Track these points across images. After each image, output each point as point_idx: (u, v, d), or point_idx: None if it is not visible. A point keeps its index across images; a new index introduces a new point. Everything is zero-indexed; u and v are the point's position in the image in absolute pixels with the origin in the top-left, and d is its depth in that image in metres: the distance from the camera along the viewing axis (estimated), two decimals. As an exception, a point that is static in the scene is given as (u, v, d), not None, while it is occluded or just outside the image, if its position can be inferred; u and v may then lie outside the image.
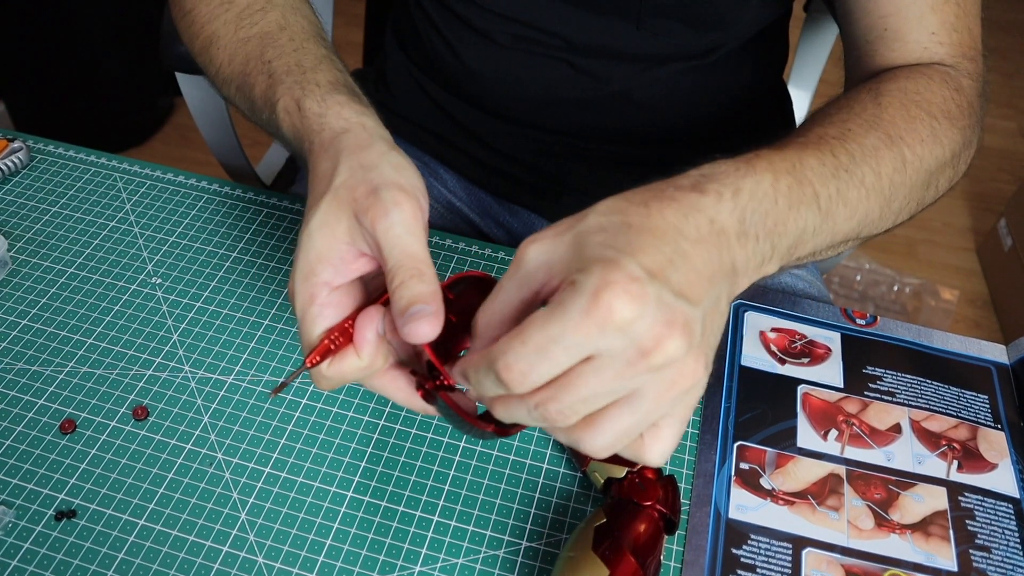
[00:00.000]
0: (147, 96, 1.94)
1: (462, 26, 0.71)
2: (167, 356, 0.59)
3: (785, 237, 0.43)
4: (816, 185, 0.45)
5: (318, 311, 0.41)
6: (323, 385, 0.42)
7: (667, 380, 0.35)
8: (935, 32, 0.58)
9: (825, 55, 0.96)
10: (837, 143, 0.48)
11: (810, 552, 0.50)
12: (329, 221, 0.41)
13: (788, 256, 0.45)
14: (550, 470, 0.54)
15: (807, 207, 0.44)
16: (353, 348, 0.40)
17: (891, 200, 0.50)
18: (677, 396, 0.36)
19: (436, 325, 0.38)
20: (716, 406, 0.57)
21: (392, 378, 0.43)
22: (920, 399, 0.58)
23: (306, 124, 0.47)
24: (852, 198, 0.47)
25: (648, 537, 0.46)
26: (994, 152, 2.09)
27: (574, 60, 0.69)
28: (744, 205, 0.41)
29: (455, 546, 0.50)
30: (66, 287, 0.62)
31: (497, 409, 0.37)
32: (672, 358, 0.34)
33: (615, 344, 0.34)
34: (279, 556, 0.49)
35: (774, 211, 0.42)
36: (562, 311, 0.34)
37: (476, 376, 0.36)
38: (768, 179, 0.42)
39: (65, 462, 0.53)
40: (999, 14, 2.55)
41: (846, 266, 1.76)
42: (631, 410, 0.35)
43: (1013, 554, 0.51)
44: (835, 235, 0.48)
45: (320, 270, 0.41)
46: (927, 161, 0.52)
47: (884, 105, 0.52)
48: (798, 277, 0.75)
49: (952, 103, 0.55)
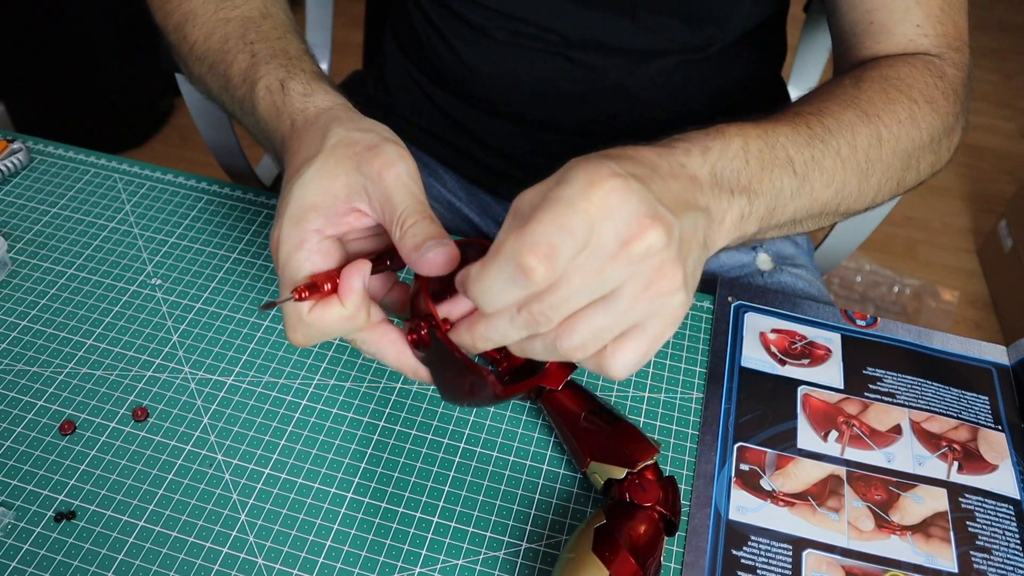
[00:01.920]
0: (147, 97, 1.94)
1: (459, 23, 0.72)
2: (167, 357, 0.58)
3: (761, 196, 0.45)
4: (790, 150, 0.47)
5: (306, 256, 0.40)
6: (298, 335, 0.40)
7: (644, 278, 0.36)
8: (920, 24, 0.59)
9: (825, 55, 0.96)
10: (813, 117, 0.50)
11: (810, 553, 0.50)
12: (325, 172, 0.41)
13: (768, 217, 0.46)
14: (550, 471, 0.54)
15: (781, 169, 0.46)
16: (337, 297, 0.40)
17: (868, 175, 0.52)
18: (653, 300, 0.37)
19: (453, 257, 0.39)
20: (716, 407, 0.57)
21: (383, 332, 0.42)
22: (920, 400, 0.58)
23: (289, 102, 0.47)
24: (828, 166, 0.49)
25: (648, 538, 0.46)
26: (994, 153, 2.09)
27: (570, 54, 0.69)
28: (714, 161, 0.43)
29: (455, 547, 0.50)
30: (66, 287, 0.62)
31: (480, 328, 0.37)
32: (651, 249, 0.36)
33: (602, 234, 0.35)
34: (279, 557, 0.49)
35: (746, 170, 0.45)
36: (559, 204, 0.35)
37: (491, 275, 0.35)
38: (738, 142, 0.45)
39: (65, 463, 0.52)
40: (999, 15, 2.55)
41: (846, 267, 1.76)
42: (606, 309, 0.37)
43: (1014, 555, 0.51)
44: (814, 201, 0.49)
45: (312, 217, 0.41)
46: (904, 141, 0.53)
47: (863, 88, 0.54)
48: (798, 277, 0.75)
49: (935, 89, 0.56)
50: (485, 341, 0.38)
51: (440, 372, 0.41)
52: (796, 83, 0.98)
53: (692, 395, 0.58)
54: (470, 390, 0.40)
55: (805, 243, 0.82)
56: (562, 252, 0.34)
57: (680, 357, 0.61)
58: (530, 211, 0.36)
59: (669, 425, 0.56)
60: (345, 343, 0.60)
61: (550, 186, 0.37)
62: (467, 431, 0.55)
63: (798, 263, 0.77)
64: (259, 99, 0.49)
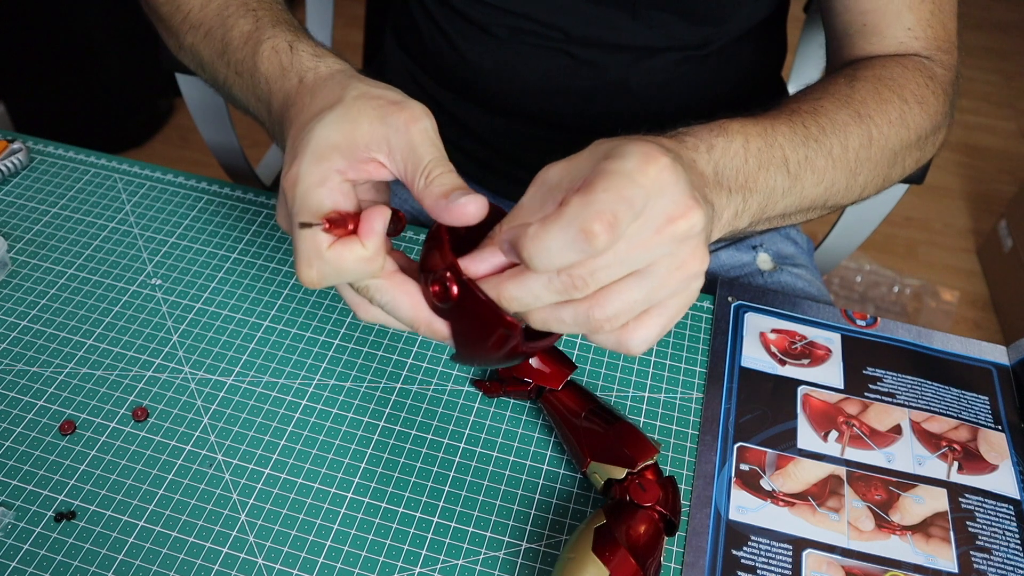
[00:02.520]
0: (147, 97, 1.94)
1: (460, 20, 0.72)
2: (167, 357, 0.58)
3: (756, 194, 0.47)
4: (786, 149, 0.49)
5: (327, 192, 0.40)
6: (313, 272, 0.39)
7: (679, 258, 0.38)
8: (911, 28, 0.61)
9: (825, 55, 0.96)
10: (808, 116, 0.52)
11: (810, 553, 0.50)
12: (348, 118, 0.41)
13: (760, 213, 0.48)
14: (550, 471, 0.54)
15: (776, 169, 0.48)
16: (358, 238, 0.39)
17: (856, 173, 0.54)
18: (680, 280, 0.38)
19: (483, 207, 0.39)
20: (716, 407, 0.57)
21: (399, 281, 0.41)
22: (920, 400, 0.58)
23: (298, 60, 0.47)
24: (820, 166, 0.51)
25: (648, 538, 0.46)
26: (994, 153, 2.09)
27: (571, 51, 0.70)
28: (717, 159, 0.45)
29: (455, 547, 0.50)
30: (66, 288, 0.62)
31: (511, 286, 0.37)
32: (692, 230, 0.37)
33: (652, 208, 0.36)
34: (279, 557, 0.49)
35: (744, 168, 0.46)
36: (621, 176, 0.36)
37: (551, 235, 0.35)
38: (739, 140, 0.46)
39: (65, 463, 0.52)
40: (999, 14, 2.55)
41: (846, 267, 1.76)
42: (640, 283, 0.37)
43: (1014, 555, 0.51)
44: (803, 199, 0.51)
45: (335, 157, 0.40)
46: (892, 141, 0.55)
47: (857, 87, 0.56)
48: (798, 277, 0.75)
49: (926, 89, 0.58)
50: (513, 301, 0.38)
51: (460, 326, 0.40)
52: (796, 83, 0.98)
53: (692, 395, 0.58)
54: (495, 344, 0.39)
55: (805, 243, 0.82)
56: (623, 221, 0.35)
57: (680, 357, 0.61)
58: (588, 179, 0.36)
59: (669, 425, 0.56)
60: (345, 343, 0.60)
61: (594, 161, 0.37)
62: (467, 431, 0.55)
63: (798, 263, 0.77)
64: (263, 58, 0.49)
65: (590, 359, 0.60)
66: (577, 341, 0.61)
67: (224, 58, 0.53)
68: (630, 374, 0.59)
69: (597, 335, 0.39)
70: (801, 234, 0.83)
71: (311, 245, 0.39)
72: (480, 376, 0.59)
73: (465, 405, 0.57)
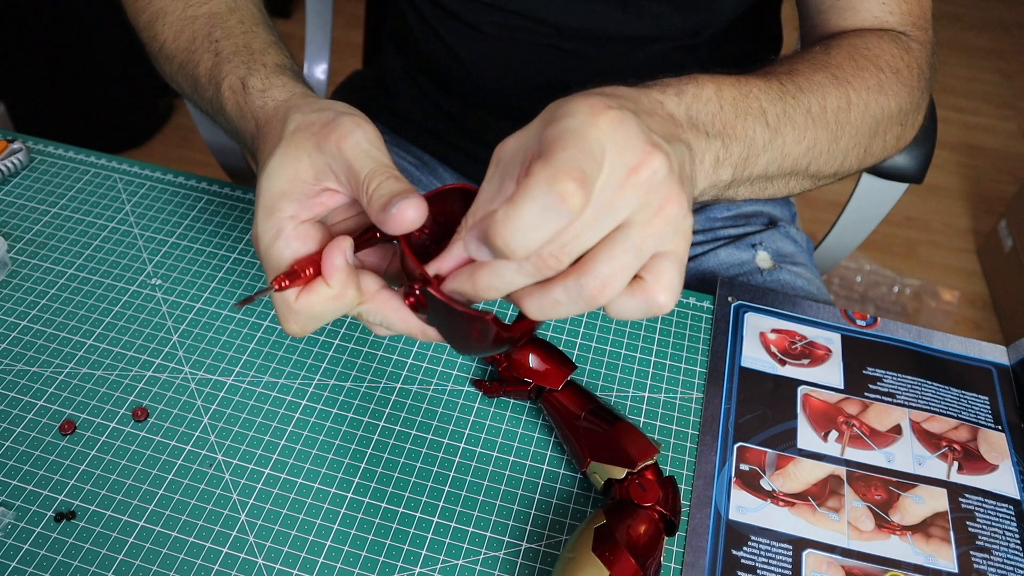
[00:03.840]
0: (147, 97, 1.94)
1: (451, 19, 0.72)
2: (167, 357, 0.58)
3: (736, 142, 0.45)
4: (763, 101, 0.47)
5: (285, 244, 0.40)
6: (293, 325, 0.40)
7: (654, 205, 0.35)
8: (885, 2, 0.60)
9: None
10: (785, 76, 0.51)
11: (810, 553, 0.50)
12: (288, 159, 0.41)
13: (742, 167, 0.46)
14: (550, 471, 0.54)
15: (754, 119, 0.47)
16: (322, 279, 0.39)
17: (838, 136, 0.52)
18: (666, 226, 0.36)
19: (421, 209, 0.38)
20: (716, 407, 0.57)
21: (384, 300, 0.41)
22: (920, 400, 0.58)
23: (250, 101, 0.47)
24: (800, 122, 0.49)
25: (648, 538, 0.46)
26: (994, 153, 2.09)
27: (562, 44, 0.70)
28: (688, 103, 0.44)
29: (455, 547, 0.50)
30: (66, 287, 0.62)
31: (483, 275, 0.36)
32: (657, 175, 0.35)
33: (611, 162, 0.34)
34: (279, 557, 0.49)
35: (720, 115, 0.45)
36: (569, 133, 0.34)
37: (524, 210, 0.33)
38: (711, 88, 0.45)
39: (65, 463, 0.52)
40: (999, 14, 2.55)
41: (846, 267, 1.76)
42: (622, 240, 0.35)
43: (1014, 555, 0.51)
44: (785, 156, 0.49)
45: (284, 205, 0.40)
46: (872, 107, 0.54)
47: (832, 54, 0.55)
48: (798, 275, 0.75)
49: (900, 61, 0.57)
50: (490, 289, 0.37)
51: (445, 327, 0.40)
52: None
53: (692, 395, 0.58)
54: (478, 337, 0.39)
55: (804, 242, 0.82)
56: (591, 175, 0.33)
57: (680, 357, 0.61)
58: (543, 144, 0.34)
59: (669, 425, 0.56)
60: (345, 343, 0.60)
61: (542, 126, 0.35)
62: (467, 431, 0.55)
63: (797, 261, 0.77)
64: (225, 100, 0.49)
65: (590, 359, 0.60)
66: (577, 341, 0.61)
67: (198, 94, 0.53)
68: (630, 374, 0.59)
69: (611, 307, 0.37)
70: (800, 233, 0.83)
71: (281, 301, 0.40)
72: (480, 376, 0.59)
73: (465, 405, 0.57)
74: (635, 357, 0.60)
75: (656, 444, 0.51)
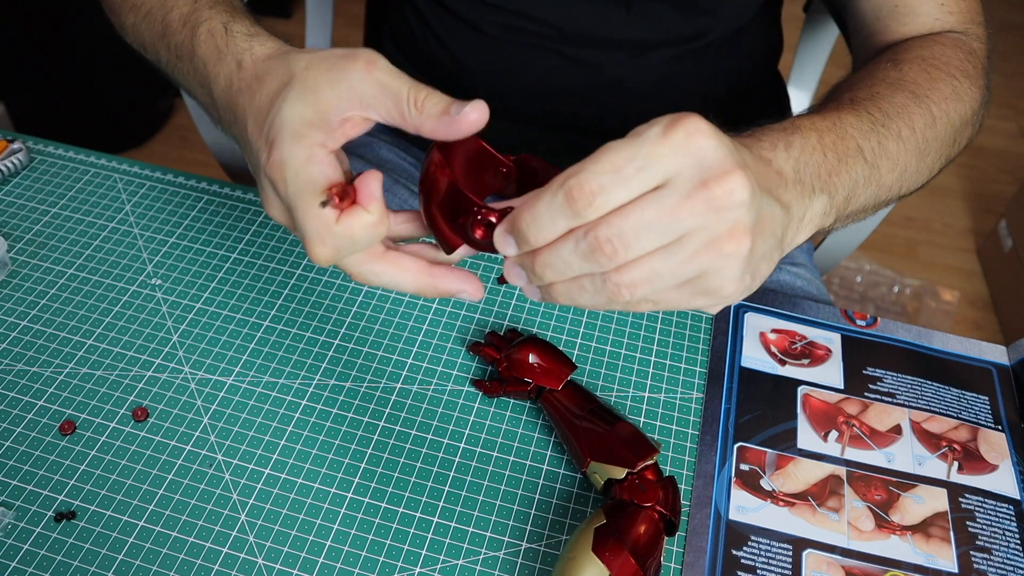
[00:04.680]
0: (147, 97, 1.94)
1: (451, 18, 0.71)
2: (167, 357, 0.58)
3: (840, 188, 0.45)
4: (859, 139, 0.47)
5: (320, 169, 0.39)
6: (327, 248, 0.39)
7: (714, 232, 0.35)
8: (944, 3, 0.60)
9: (825, 55, 0.96)
10: (869, 103, 0.51)
11: (810, 553, 0.50)
12: (309, 90, 0.40)
13: (844, 207, 0.47)
14: (550, 471, 0.54)
15: (854, 159, 0.47)
16: (361, 207, 0.39)
17: (925, 153, 0.53)
18: (715, 258, 0.36)
19: (484, 110, 0.39)
20: (716, 407, 0.57)
21: (393, 260, 0.41)
22: (920, 400, 0.58)
23: (233, 43, 0.47)
24: (892, 150, 0.50)
25: (648, 538, 0.46)
26: (994, 153, 2.09)
27: (564, 50, 0.69)
28: (796, 156, 0.43)
29: (455, 547, 0.50)
30: (66, 287, 0.62)
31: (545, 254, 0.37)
32: (732, 197, 0.34)
33: (684, 169, 0.34)
34: (279, 557, 0.49)
35: (825, 163, 0.44)
36: (637, 137, 0.35)
37: (541, 206, 0.35)
38: (814, 136, 0.45)
39: (65, 463, 0.52)
40: (999, 15, 2.55)
41: (846, 267, 1.76)
42: (666, 256, 0.35)
43: (1014, 555, 0.51)
44: (881, 187, 0.50)
45: (312, 133, 0.40)
46: (953, 117, 0.54)
47: (904, 70, 0.55)
48: (797, 275, 0.75)
49: (968, 64, 0.57)
50: (547, 268, 0.37)
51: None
52: (796, 83, 0.98)
53: (692, 395, 0.58)
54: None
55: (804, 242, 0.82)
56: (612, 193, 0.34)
57: (680, 357, 0.61)
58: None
59: (669, 425, 0.56)
60: (345, 343, 0.60)
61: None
62: (467, 431, 0.55)
63: (797, 262, 0.77)
64: (200, 42, 0.48)
65: (590, 359, 0.60)
66: (577, 341, 0.61)
67: (164, 40, 0.52)
68: (630, 374, 0.59)
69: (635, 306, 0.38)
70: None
71: (320, 223, 0.39)
72: (480, 376, 0.59)
73: (465, 405, 0.57)
74: (635, 357, 0.60)
75: (656, 444, 0.51)
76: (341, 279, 0.64)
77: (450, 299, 0.63)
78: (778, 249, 0.41)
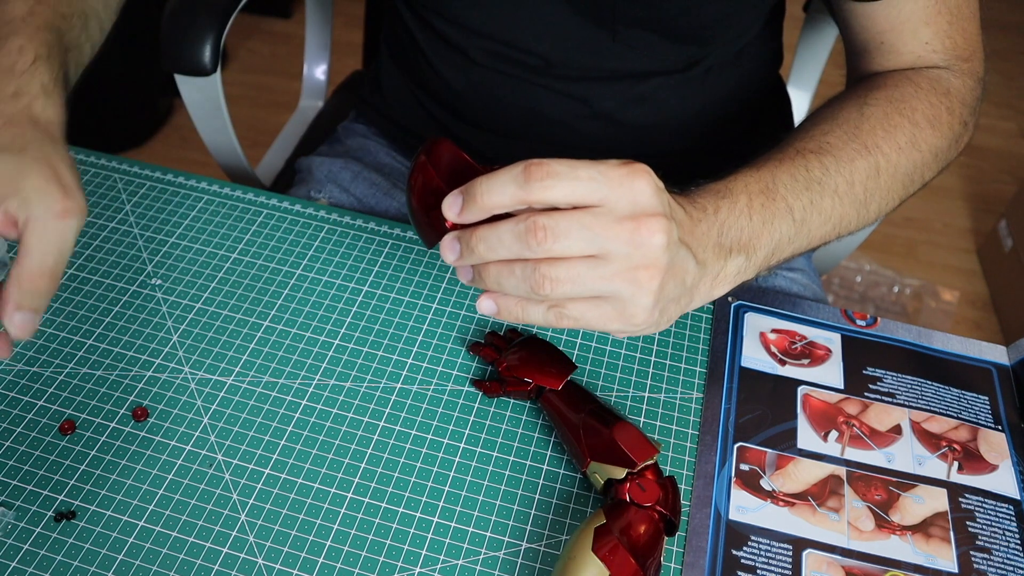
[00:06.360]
0: (147, 97, 1.94)
1: (439, 42, 0.71)
2: (167, 357, 0.58)
3: (761, 248, 0.50)
4: (789, 199, 0.51)
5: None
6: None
7: (632, 262, 0.41)
8: (928, 42, 0.61)
9: (825, 55, 0.96)
10: (813, 156, 0.54)
11: (810, 553, 0.50)
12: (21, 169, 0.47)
13: (766, 263, 0.51)
14: (550, 471, 0.54)
15: (781, 219, 0.51)
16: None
17: (867, 203, 0.56)
18: (629, 284, 0.42)
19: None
20: (716, 407, 0.57)
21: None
22: (920, 400, 0.58)
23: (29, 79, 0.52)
24: (826, 206, 0.53)
25: (648, 538, 0.46)
26: (994, 153, 2.09)
27: (553, 84, 0.68)
28: (723, 221, 0.48)
29: (455, 547, 0.50)
30: (65, 287, 0.62)
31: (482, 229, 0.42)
32: (653, 239, 0.41)
33: (622, 199, 0.41)
34: (279, 557, 0.49)
35: (749, 227, 0.49)
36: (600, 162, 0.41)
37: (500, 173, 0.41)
38: (743, 200, 0.50)
39: (65, 463, 0.52)
40: (999, 15, 2.55)
41: (846, 267, 1.76)
42: (591, 266, 0.41)
43: (1014, 555, 0.51)
44: (811, 239, 0.54)
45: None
46: (903, 166, 0.57)
47: (867, 115, 0.57)
48: (793, 280, 0.74)
49: (939, 108, 0.59)
50: (480, 240, 0.42)
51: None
52: (796, 83, 0.98)
53: (692, 395, 0.58)
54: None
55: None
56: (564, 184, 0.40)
57: (680, 357, 0.61)
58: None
59: (669, 425, 0.56)
60: (345, 343, 0.60)
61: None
62: (467, 431, 0.55)
63: (794, 266, 0.77)
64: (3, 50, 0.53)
65: (590, 359, 0.60)
66: (577, 341, 0.61)
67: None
68: (630, 374, 0.59)
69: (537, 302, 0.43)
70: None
71: None
72: (480, 376, 0.59)
73: (465, 405, 0.57)
74: (635, 357, 0.60)
75: (656, 444, 0.51)
76: (341, 279, 0.64)
77: (450, 299, 0.63)
78: (687, 296, 0.47)
